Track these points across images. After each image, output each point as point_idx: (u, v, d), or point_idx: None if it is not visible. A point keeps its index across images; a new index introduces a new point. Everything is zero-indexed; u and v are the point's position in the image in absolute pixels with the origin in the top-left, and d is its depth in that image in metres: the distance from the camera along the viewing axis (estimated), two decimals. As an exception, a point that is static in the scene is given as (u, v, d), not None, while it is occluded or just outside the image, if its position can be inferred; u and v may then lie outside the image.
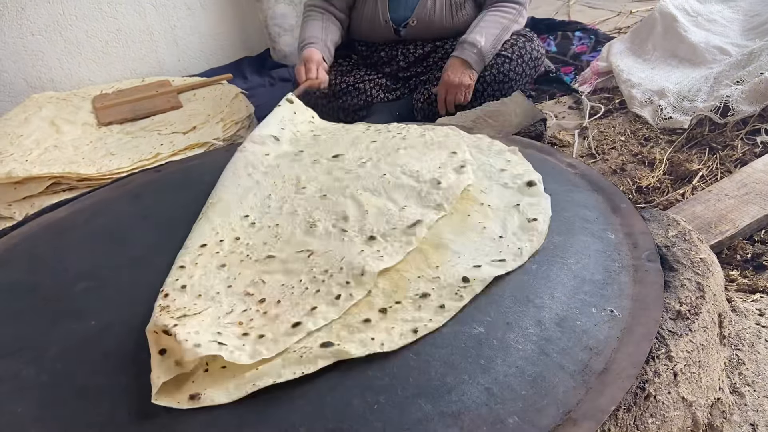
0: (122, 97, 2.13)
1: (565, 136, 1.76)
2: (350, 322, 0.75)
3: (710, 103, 1.52)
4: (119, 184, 1.37)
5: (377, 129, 1.35)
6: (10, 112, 2.14)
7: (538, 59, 1.88)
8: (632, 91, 1.75)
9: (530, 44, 1.85)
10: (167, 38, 2.58)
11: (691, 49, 1.76)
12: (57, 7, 2.35)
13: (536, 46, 1.87)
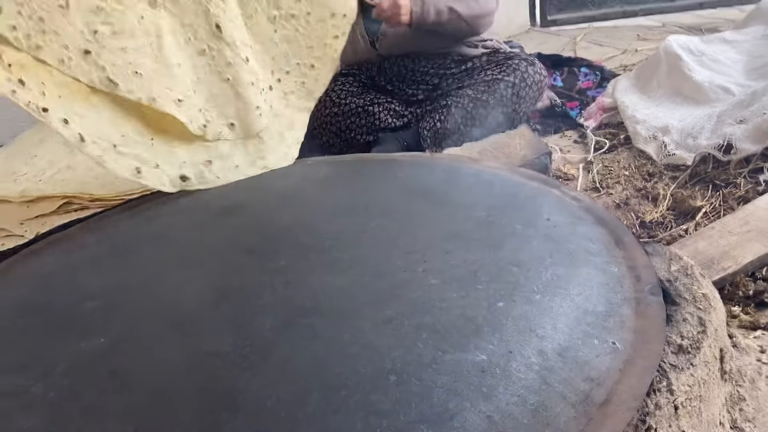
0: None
1: (570, 170, 1.78)
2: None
3: (713, 141, 1.54)
4: (131, 205, 1.39)
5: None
6: (25, 132, 2.18)
7: (541, 82, 1.94)
8: (637, 127, 1.78)
9: (532, 68, 1.92)
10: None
11: (695, 87, 1.79)
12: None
13: (538, 69, 1.93)
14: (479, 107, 1.91)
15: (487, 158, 1.62)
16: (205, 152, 1.47)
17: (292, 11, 1.61)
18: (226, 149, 1.48)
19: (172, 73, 1.38)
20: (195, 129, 1.42)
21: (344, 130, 2.03)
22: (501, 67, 1.95)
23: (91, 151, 1.30)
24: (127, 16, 1.34)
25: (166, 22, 1.40)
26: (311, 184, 1.35)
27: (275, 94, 1.61)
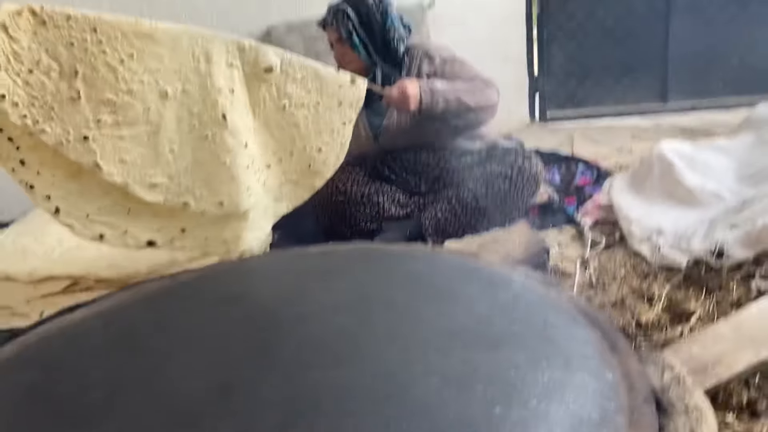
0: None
1: (567, 266, 1.82)
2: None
3: (706, 246, 1.59)
4: (136, 290, 1.42)
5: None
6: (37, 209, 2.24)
7: (537, 175, 2.03)
8: (631, 227, 1.84)
9: (528, 162, 2.02)
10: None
11: (687, 192, 1.86)
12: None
13: (534, 163, 2.03)
14: (478, 200, 1.99)
15: (487, 253, 1.66)
16: (180, 221, 1.62)
17: (302, 101, 1.73)
18: (203, 220, 1.62)
19: (159, 159, 1.52)
20: (173, 206, 1.57)
21: (349, 217, 2.09)
22: (499, 161, 2.04)
23: (64, 220, 1.47)
24: (136, 108, 1.48)
25: (174, 111, 1.53)
26: (315, 275, 1.38)
27: (272, 171, 1.73)
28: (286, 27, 2.76)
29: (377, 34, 2.06)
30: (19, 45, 1.34)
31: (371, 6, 2.06)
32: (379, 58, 2.08)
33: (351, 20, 2.04)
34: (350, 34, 2.05)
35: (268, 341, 1.04)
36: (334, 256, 1.51)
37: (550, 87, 3.46)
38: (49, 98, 1.38)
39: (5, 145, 1.39)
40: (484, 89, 1.99)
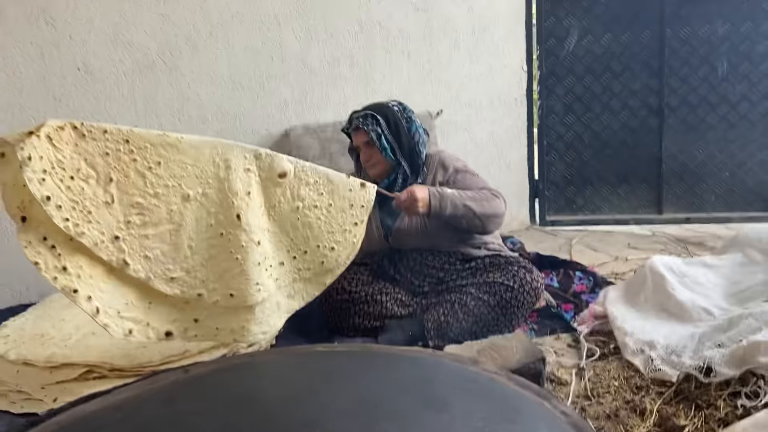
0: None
1: (563, 375, 1.88)
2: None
3: (695, 362, 1.66)
4: (150, 381, 1.49)
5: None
6: (56, 294, 2.33)
7: (538, 289, 2.13)
8: (625, 339, 1.91)
9: (530, 275, 2.12)
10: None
11: (678, 306, 1.95)
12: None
13: (536, 276, 2.14)
14: (480, 306, 2.08)
15: (485, 359, 1.73)
16: (193, 312, 1.74)
17: (315, 203, 1.87)
18: (214, 311, 1.74)
19: (178, 255, 1.68)
20: (188, 297, 1.71)
21: (353, 315, 2.17)
22: (502, 270, 2.14)
23: (101, 320, 1.60)
24: (160, 209, 1.65)
25: (194, 211, 1.69)
26: (321, 376, 1.45)
27: (286, 268, 1.86)
28: (303, 129, 2.95)
29: (403, 137, 2.23)
30: (62, 154, 1.52)
31: (397, 113, 2.26)
32: (404, 159, 2.24)
33: (380, 125, 2.22)
34: (379, 137, 2.21)
35: (278, 444, 1.11)
36: (340, 358, 1.58)
37: (550, 193, 3.63)
38: (87, 202, 1.54)
39: (48, 255, 1.53)
40: (491, 199, 2.13)
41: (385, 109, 2.26)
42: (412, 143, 2.24)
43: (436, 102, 3.30)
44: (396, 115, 2.25)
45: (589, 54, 3.44)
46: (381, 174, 2.27)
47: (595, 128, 3.50)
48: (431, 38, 3.25)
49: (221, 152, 1.74)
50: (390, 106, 2.28)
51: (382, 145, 2.22)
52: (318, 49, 3.02)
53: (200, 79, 2.82)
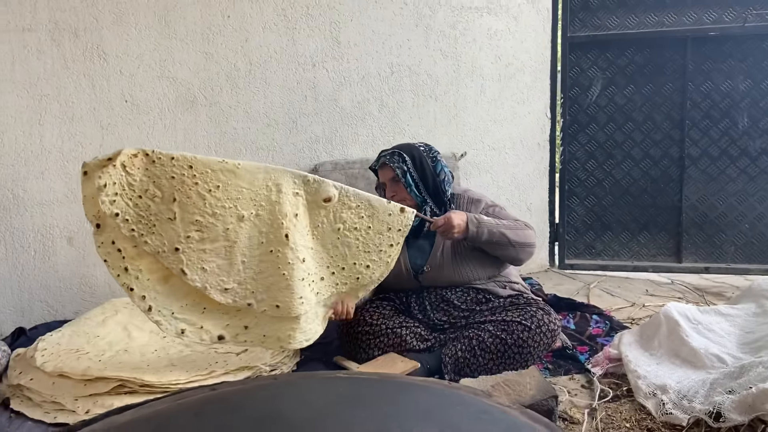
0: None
1: (575, 414, 1.93)
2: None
3: (705, 407, 1.70)
4: (179, 397, 1.56)
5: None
6: (91, 311, 2.45)
7: (555, 331, 2.19)
8: (638, 382, 1.95)
9: (548, 317, 2.19)
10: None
11: (692, 352, 1.99)
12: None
13: (553, 319, 2.20)
14: (497, 344, 2.14)
15: (499, 393, 1.79)
16: (243, 319, 1.96)
17: (355, 225, 2.06)
18: (262, 320, 1.96)
19: (231, 268, 1.89)
20: (239, 306, 1.93)
21: (372, 347, 2.24)
22: (521, 310, 2.21)
23: (153, 317, 1.86)
24: (217, 227, 1.87)
25: (247, 230, 1.90)
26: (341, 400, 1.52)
27: (326, 282, 2.05)
28: (331, 165, 3.08)
29: (429, 176, 2.35)
30: (132, 178, 1.81)
31: (423, 152, 2.38)
32: (429, 197, 2.34)
33: (405, 162, 2.34)
34: (404, 174, 2.33)
35: (300, 459, 1.18)
36: (360, 384, 1.65)
37: (570, 236, 3.68)
38: (152, 217, 1.82)
39: (115, 255, 1.82)
40: (525, 229, 2.26)
41: (411, 148, 2.38)
42: (437, 181, 2.35)
43: (460, 144, 3.41)
44: (422, 155, 2.36)
45: (612, 104, 3.53)
46: None
47: (616, 175, 3.57)
48: (458, 83, 3.38)
49: (273, 177, 1.96)
50: (416, 146, 2.40)
51: (407, 182, 2.33)
52: (349, 90, 3.17)
53: (237, 115, 2.97)
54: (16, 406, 1.93)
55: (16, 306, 2.66)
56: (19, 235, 2.66)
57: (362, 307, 2.36)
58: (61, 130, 2.68)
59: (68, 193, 2.71)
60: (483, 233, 2.20)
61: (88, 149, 2.72)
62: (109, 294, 2.72)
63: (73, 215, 2.72)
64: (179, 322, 1.87)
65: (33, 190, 2.66)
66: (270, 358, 2.13)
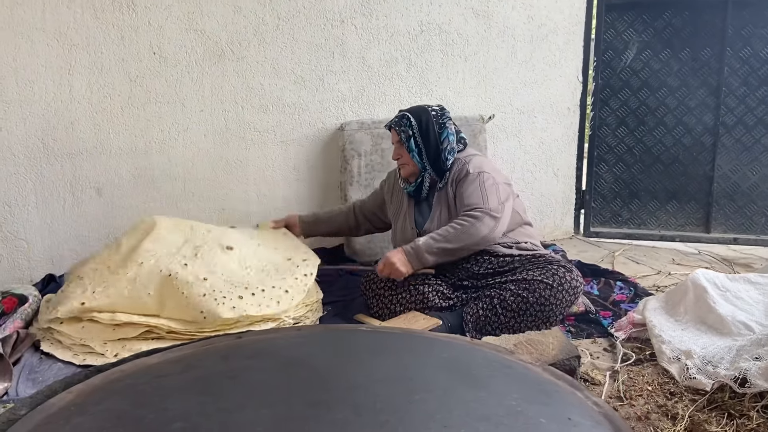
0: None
1: (597, 376, 1.92)
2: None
3: (731, 373, 1.68)
4: (206, 343, 1.60)
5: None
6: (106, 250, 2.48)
7: (577, 288, 2.18)
8: (662, 347, 1.94)
9: (569, 274, 2.18)
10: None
11: (718, 319, 1.97)
12: (180, 184, 2.83)
13: (575, 276, 2.19)
14: (518, 302, 2.13)
15: (521, 352, 1.79)
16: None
17: (272, 261, 2.29)
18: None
19: (137, 303, 2.05)
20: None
21: (395, 303, 2.25)
22: (542, 269, 2.20)
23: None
24: (120, 278, 2.12)
25: (146, 269, 2.12)
26: (365, 350, 1.54)
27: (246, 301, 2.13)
28: (357, 124, 3.05)
29: (432, 143, 2.33)
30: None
31: (431, 117, 2.35)
32: (429, 164, 2.32)
33: (411, 127, 2.33)
34: (408, 139, 2.33)
35: (325, 402, 1.20)
36: (382, 336, 1.67)
37: (596, 204, 3.63)
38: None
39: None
40: (470, 228, 2.18)
41: (421, 112, 2.36)
42: (439, 149, 2.33)
43: (488, 106, 3.36)
44: (429, 120, 2.34)
45: (647, 68, 3.44)
46: (410, 175, 2.40)
47: (648, 143, 3.50)
48: (489, 44, 3.31)
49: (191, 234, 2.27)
50: (429, 109, 2.37)
51: (410, 147, 2.34)
52: (378, 48, 3.12)
53: (265, 70, 2.95)
54: (46, 348, 1.98)
55: (46, 254, 2.72)
56: (50, 185, 2.70)
57: None
58: (90, 81, 2.69)
59: (97, 144, 2.73)
60: (426, 261, 2.19)
61: (117, 101, 2.73)
62: (136, 245, 2.76)
63: (101, 167, 2.75)
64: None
65: (63, 140, 2.68)
66: (293, 311, 2.16)
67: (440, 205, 2.34)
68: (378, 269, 2.21)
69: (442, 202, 2.34)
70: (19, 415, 1.21)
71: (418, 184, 2.38)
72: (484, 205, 2.21)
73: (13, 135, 2.62)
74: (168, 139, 2.84)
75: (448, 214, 2.33)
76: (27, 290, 2.32)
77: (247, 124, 2.96)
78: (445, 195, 2.35)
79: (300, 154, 3.08)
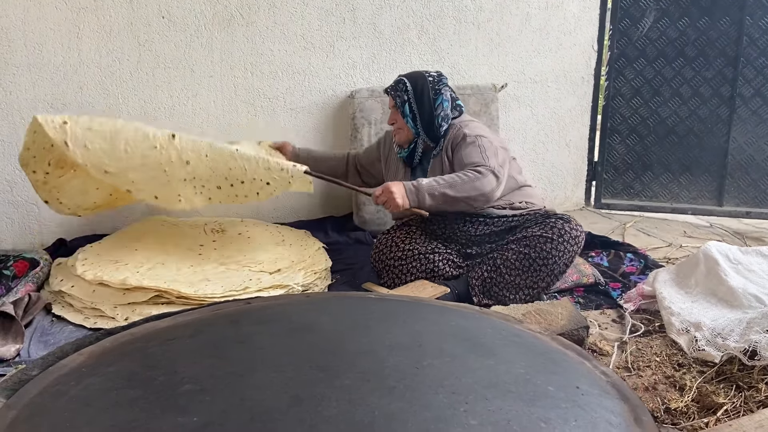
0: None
1: (605, 346, 1.92)
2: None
3: (741, 345, 1.68)
4: (215, 308, 1.61)
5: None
6: (129, 227, 2.50)
7: (578, 237, 2.18)
8: (671, 318, 1.93)
9: (568, 225, 2.19)
10: (270, 191, 3.00)
11: (729, 292, 1.95)
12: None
13: (574, 225, 2.20)
14: (522, 259, 2.14)
15: (530, 322, 1.79)
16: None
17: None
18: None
19: (113, 153, 2.04)
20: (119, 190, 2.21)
21: (405, 273, 2.25)
22: (540, 224, 2.20)
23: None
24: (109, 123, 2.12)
25: (134, 125, 2.10)
26: (375, 317, 1.54)
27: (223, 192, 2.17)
28: (368, 92, 3.02)
29: (426, 110, 2.30)
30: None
31: (427, 83, 2.31)
32: (422, 130, 2.30)
33: (407, 92, 2.31)
34: (403, 105, 2.30)
35: (333, 367, 1.20)
36: (391, 303, 1.67)
37: (608, 176, 3.59)
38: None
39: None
40: (474, 180, 2.12)
41: (418, 78, 2.33)
42: (433, 115, 2.29)
43: (501, 75, 3.30)
44: (425, 86, 2.30)
45: (663, 37, 3.36)
46: (404, 141, 2.36)
47: (662, 114, 3.44)
48: (502, 10, 3.24)
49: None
50: (426, 75, 2.33)
51: (404, 113, 2.31)
52: (389, 14, 3.07)
53: (274, 36, 2.91)
54: (57, 311, 2.00)
55: (57, 218, 2.72)
56: (59, 150, 2.69)
57: (392, 233, 2.36)
58: (99, 45, 2.66)
59: (106, 109, 2.71)
60: (424, 199, 2.10)
61: (126, 65, 2.71)
62: (147, 212, 2.77)
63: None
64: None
65: (72, 104, 2.67)
66: (302, 279, 2.16)
67: (435, 172, 2.31)
68: (374, 194, 2.13)
69: (437, 169, 2.31)
70: (31, 376, 1.22)
71: (411, 149, 2.36)
72: (486, 162, 2.18)
73: (22, 99, 2.61)
74: (177, 105, 2.82)
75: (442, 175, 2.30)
76: (38, 254, 2.34)
77: (256, 90, 2.93)
78: (440, 161, 2.31)
79: (309, 121, 3.05)
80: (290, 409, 1.05)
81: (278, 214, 3.03)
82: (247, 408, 1.04)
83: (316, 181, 2.20)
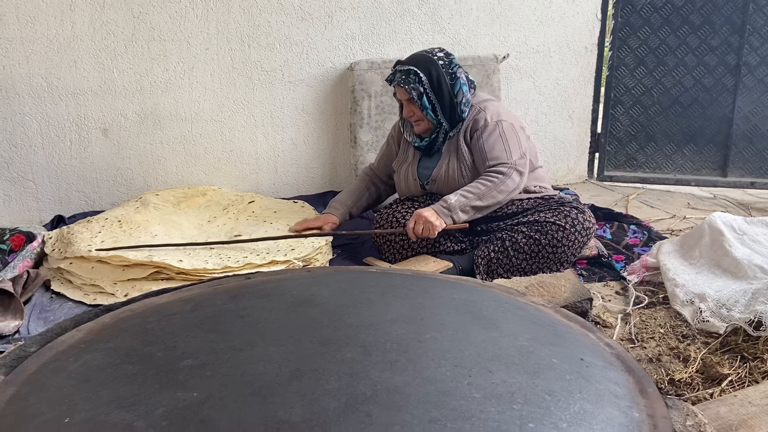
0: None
1: (608, 318, 1.91)
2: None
3: (745, 316, 1.66)
4: (215, 283, 1.59)
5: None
6: (126, 203, 2.47)
7: (589, 229, 2.15)
8: (675, 290, 1.92)
9: (582, 216, 2.15)
10: (269, 164, 2.97)
11: (734, 263, 1.93)
12: (187, 125, 2.78)
13: (588, 217, 2.17)
14: (531, 244, 2.11)
15: (533, 294, 1.77)
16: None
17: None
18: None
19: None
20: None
21: (406, 248, 2.23)
22: (554, 211, 2.16)
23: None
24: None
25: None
26: (377, 290, 1.52)
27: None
28: (367, 64, 2.96)
29: (446, 97, 2.21)
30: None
31: (441, 68, 2.21)
32: (445, 118, 2.24)
33: (422, 83, 2.19)
34: (420, 96, 2.20)
35: (335, 341, 1.19)
36: (393, 277, 1.65)
37: (611, 147, 3.55)
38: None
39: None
40: (499, 185, 2.12)
41: (429, 63, 2.20)
42: (454, 102, 2.22)
43: (502, 45, 3.24)
44: (440, 72, 2.20)
45: (669, 4, 3.29)
46: (424, 131, 2.29)
47: (667, 84, 3.38)
48: (504, -22, 3.17)
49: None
50: (435, 59, 2.22)
51: (423, 105, 2.20)
52: (388, -17, 3.00)
53: (271, 7, 2.84)
54: (56, 287, 1.99)
55: (55, 195, 2.70)
56: (55, 125, 2.65)
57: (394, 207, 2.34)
58: (93, 18, 2.60)
59: (102, 84, 2.67)
60: (459, 219, 2.11)
61: (120, 38, 2.65)
62: (144, 187, 2.74)
63: (107, 107, 2.70)
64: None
65: (66, 79, 2.63)
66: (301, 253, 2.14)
67: (449, 154, 2.27)
68: (408, 228, 2.11)
69: (452, 151, 2.27)
70: (30, 352, 1.21)
71: (432, 139, 2.29)
72: (508, 159, 2.15)
73: (16, 73, 2.56)
74: (173, 79, 2.77)
75: (457, 164, 2.25)
76: (35, 229, 2.32)
77: (253, 63, 2.88)
78: (455, 144, 2.26)
79: (308, 94, 3.00)
80: (291, 382, 1.03)
81: (279, 188, 3.01)
82: (247, 382, 1.03)
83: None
